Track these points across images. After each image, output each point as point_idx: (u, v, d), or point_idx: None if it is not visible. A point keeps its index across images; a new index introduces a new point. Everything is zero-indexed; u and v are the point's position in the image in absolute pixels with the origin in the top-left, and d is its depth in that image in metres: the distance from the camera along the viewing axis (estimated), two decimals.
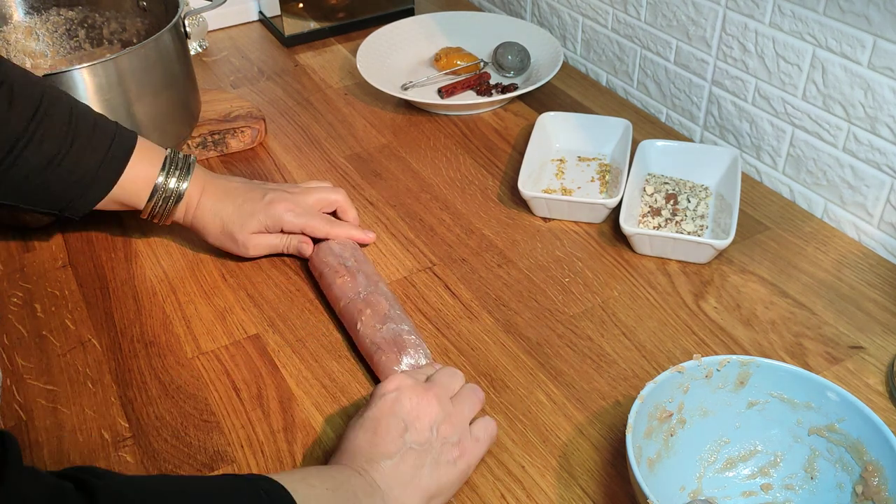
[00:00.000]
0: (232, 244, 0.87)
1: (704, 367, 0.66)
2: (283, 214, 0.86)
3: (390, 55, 1.23)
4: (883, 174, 0.87)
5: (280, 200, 0.86)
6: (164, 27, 0.95)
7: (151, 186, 0.83)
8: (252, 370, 0.78)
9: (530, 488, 0.67)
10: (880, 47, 0.83)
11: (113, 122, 0.83)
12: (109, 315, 0.84)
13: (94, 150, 0.80)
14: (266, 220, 0.86)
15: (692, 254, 0.87)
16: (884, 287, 0.85)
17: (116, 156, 0.81)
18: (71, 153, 0.79)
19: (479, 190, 1.00)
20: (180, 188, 0.84)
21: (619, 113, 1.13)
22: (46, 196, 0.81)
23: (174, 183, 0.84)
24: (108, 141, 0.81)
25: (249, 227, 0.86)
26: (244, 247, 0.87)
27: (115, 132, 0.82)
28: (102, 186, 0.82)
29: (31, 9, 1.09)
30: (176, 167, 0.84)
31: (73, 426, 0.73)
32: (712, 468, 0.67)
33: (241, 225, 0.86)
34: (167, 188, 0.83)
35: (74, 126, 0.79)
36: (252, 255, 0.88)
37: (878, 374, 0.76)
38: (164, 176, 0.83)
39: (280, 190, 0.88)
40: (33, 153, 0.77)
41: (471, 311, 0.83)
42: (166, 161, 0.84)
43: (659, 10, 1.07)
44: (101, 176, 0.81)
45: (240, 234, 0.86)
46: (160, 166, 0.83)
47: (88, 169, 0.80)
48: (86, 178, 0.80)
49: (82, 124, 0.80)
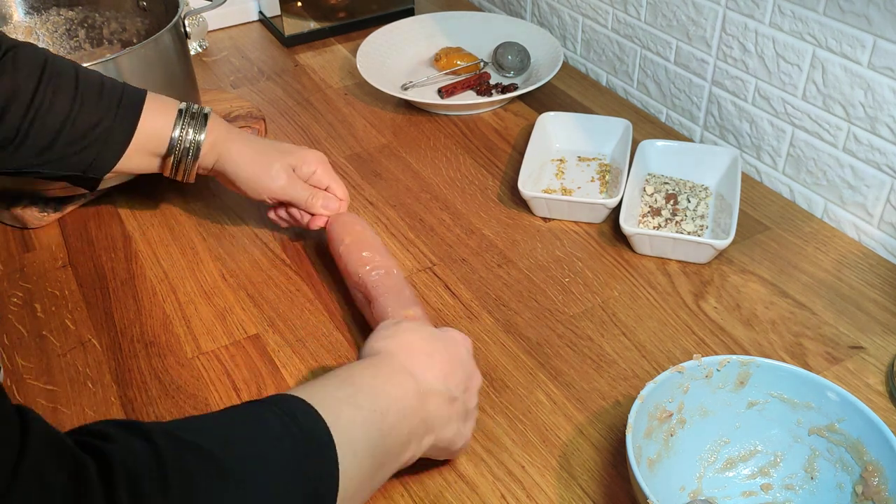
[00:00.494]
0: (264, 175, 0.84)
1: (704, 367, 0.66)
2: (317, 162, 0.86)
3: (390, 55, 1.23)
4: (883, 174, 0.87)
5: (314, 151, 0.88)
6: (164, 27, 0.95)
7: (168, 140, 0.83)
8: (252, 370, 0.78)
9: (530, 488, 0.67)
10: (880, 47, 0.83)
11: (120, 81, 0.84)
12: (109, 315, 0.84)
13: (106, 106, 0.80)
14: (301, 159, 0.86)
15: (692, 254, 0.87)
16: (884, 287, 0.85)
17: (128, 110, 0.81)
18: (83, 111, 0.79)
19: (479, 190, 1.00)
20: (198, 139, 0.83)
21: (619, 113, 1.13)
22: (67, 158, 0.81)
23: (191, 135, 0.83)
24: (117, 96, 0.81)
25: (284, 160, 0.85)
26: (279, 174, 0.84)
27: (123, 88, 0.83)
28: (119, 141, 0.81)
29: (31, 9, 1.09)
30: (192, 118, 0.83)
31: (73, 426, 0.72)
32: (712, 468, 0.67)
33: (278, 154, 0.85)
34: (184, 140, 0.83)
35: (82, 86, 0.80)
36: (281, 186, 0.85)
37: (878, 374, 0.76)
38: (180, 129, 0.83)
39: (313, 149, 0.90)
40: (47, 114, 0.78)
41: (471, 311, 0.83)
42: (180, 113, 0.83)
43: (659, 10, 1.07)
44: (115, 130, 0.81)
45: (276, 161, 0.85)
46: (174, 120, 0.83)
47: (102, 125, 0.80)
48: (102, 134, 0.80)
49: (89, 82, 0.81)
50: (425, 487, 0.67)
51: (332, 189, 0.87)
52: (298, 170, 0.86)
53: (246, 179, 0.85)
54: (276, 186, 0.85)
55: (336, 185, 0.87)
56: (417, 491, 0.67)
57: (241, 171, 0.85)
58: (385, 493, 0.67)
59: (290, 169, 0.86)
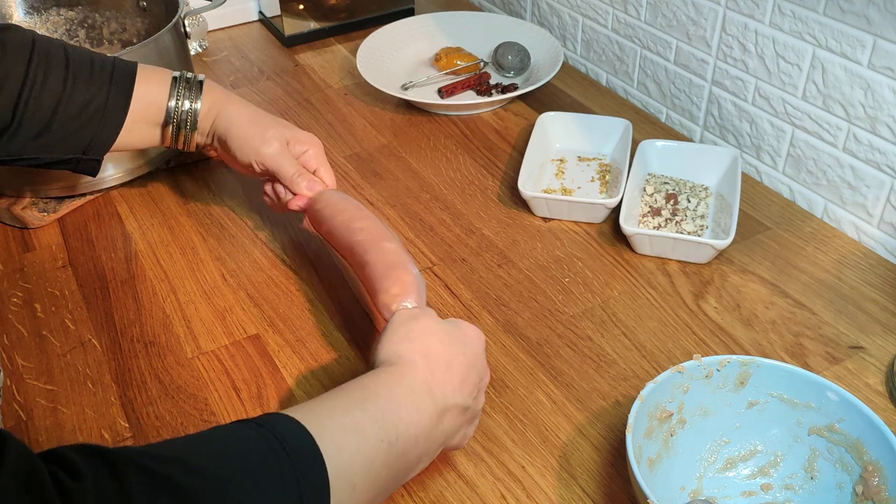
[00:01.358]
0: (258, 137, 0.83)
1: (704, 367, 0.66)
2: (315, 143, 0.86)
3: (390, 55, 1.23)
4: (883, 174, 0.87)
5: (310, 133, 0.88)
6: (164, 27, 0.95)
7: (164, 111, 0.82)
8: (252, 370, 0.78)
9: (530, 488, 0.67)
10: (880, 47, 0.83)
11: (110, 56, 0.83)
12: (109, 315, 0.84)
13: (98, 83, 0.80)
14: (295, 132, 0.85)
15: (692, 254, 0.87)
16: (884, 287, 0.85)
17: (121, 82, 0.81)
18: (76, 90, 0.79)
19: (479, 190, 1.00)
20: (195, 107, 0.83)
21: (619, 113, 1.13)
22: (64, 140, 0.80)
23: (187, 104, 0.83)
24: (108, 72, 0.81)
25: (279, 130, 0.84)
26: (271, 142, 0.83)
27: (114, 62, 0.82)
28: (116, 115, 0.81)
29: (31, 9, 1.09)
30: (186, 86, 0.83)
31: (73, 426, 0.73)
32: (712, 468, 0.67)
33: (272, 123, 0.85)
34: (181, 110, 0.83)
35: (72, 64, 0.79)
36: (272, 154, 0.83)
37: (878, 374, 0.76)
38: (175, 99, 0.82)
39: None
40: (40, 96, 0.77)
41: (471, 311, 0.83)
42: (174, 81, 0.83)
43: (659, 10, 1.07)
44: (111, 107, 0.80)
45: (271, 128, 0.84)
46: (168, 89, 0.83)
47: (97, 102, 0.80)
48: (98, 111, 0.80)
49: (79, 60, 0.80)
50: (425, 487, 0.67)
51: (321, 173, 0.86)
52: (292, 146, 0.86)
53: (239, 139, 0.84)
54: (267, 152, 0.83)
55: (325, 170, 0.86)
56: (417, 491, 0.67)
57: (235, 131, 0.84)
58: None
59: (284, 139, 0.85)
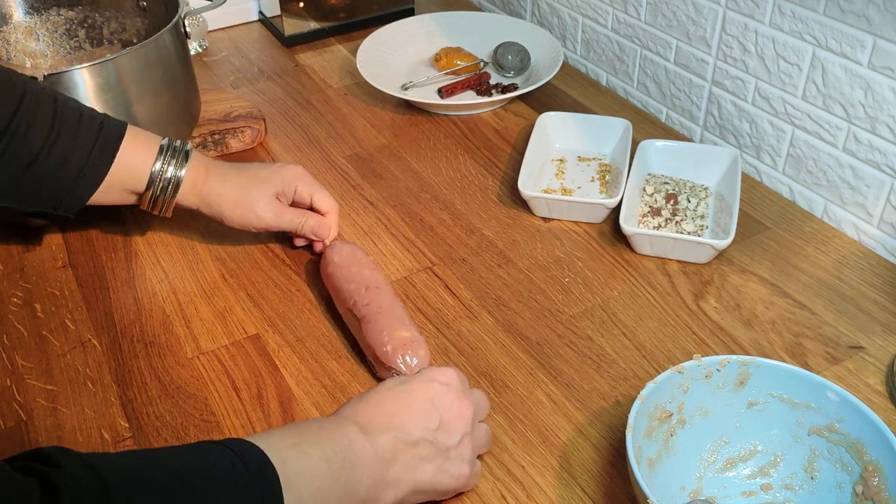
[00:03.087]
0: (250, 213, 0.84)
1: (704, 367, 0.66)
2: (300, 177, 0.86)
3: (390, 55, 1.23)
4: (883, 174, 0.87)
5: (292, 166, 0.87)
6: (164, 27, 0.95)
7: (148, 175, 0.81)
8: (252, 370, 0.78)
9: (530, 488, 0.67)
10: (880, 47, 0.83)
11: (101, 113, 0.82)
12: (109, 315, 0.84)
13: (83, 139, 0.78)
14: (280, 183, 0.85)
15: (692, 254, 0.87)
16: (884, 287, 0.85)
17: (107, 144, 0.79)
18: (58, 144, 0.77)
19: (479, 190, 1.00)
20: (178, 175, 0.82)
21: (619, 113, 1.13)
22: (38, 193, 0.79)
23: (172, 171, 0.82)
24: (95, 129, 0.79)
25: (266, 190, 0.84)
26: (264, 211, 0.84)
27: (104, 120, 0.80)
28: (94, 176, 0.79)
29: (31, 9, 1.09)
30: (173, 154, 0.82)
31: (73, 426, 0.73)
32: (712, 468, 0.67)
33: (256, 187, 0.84)
34: (165, 176, 0.82)
35: (60, 117, 0.78)
36: (269, 221, 0.85)
37: (878, 374, 0.76)
38: (161, 163, 0.82)
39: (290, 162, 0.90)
40: (19, 147, 0.76)
41: (471, 311, 0.83)
42: (162, 148, 0.82)
43: (659, 10, 1.07)
44: (91, 165, 0.79)
45: (258, 197, 0.84)
46: (156, 154, 0.82)
47: (78, 159, 0.78)
48: (76, 168, 0.78)
49: (68, 114, 0.79)
50: None
51: (316, 201, 0.87)
52: (282, 194, 0.86)
53: (232, 220, 0.85)
54: (264, 224, 0.86)
55: (319, 195, 0.87)
56: None
57: (226, 213, 0.85)
58: None
59: (273, 199, 0.85)
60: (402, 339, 0.74)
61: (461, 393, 0.64)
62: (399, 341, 0.73)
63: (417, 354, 0.73)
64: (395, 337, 0.74)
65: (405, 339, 0.74)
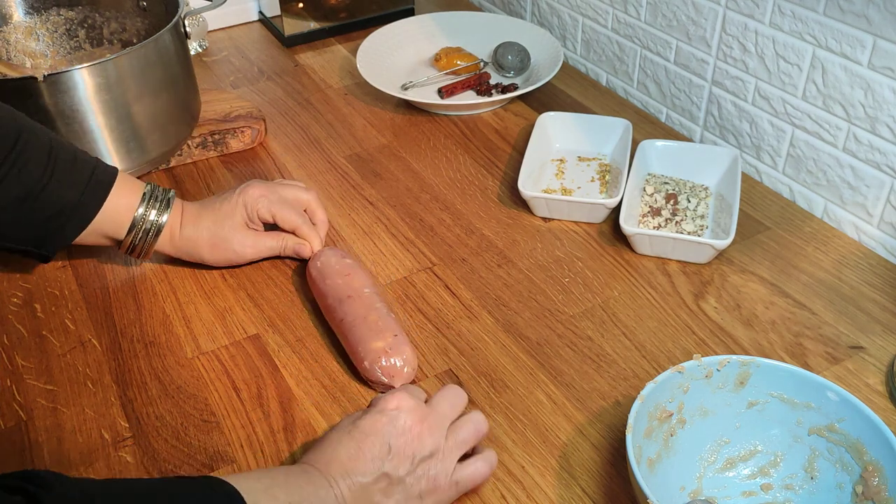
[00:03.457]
0: (228, 251, 0.86)
1: (704, 367, 0.66)
2: (258, 200, 0.85)
3: (390, 55, 1.23)
4: (883, 174, 0.87)
5: (253, 186, 0.86)
6: (164, 27, 0.95)
7: (130, 220, 0.82)
8: (252, 370, 0.78)
9: (530, 488, 0.67)
10: (880, 47, 0.83)
11: (93, 157, 0.82)
12: (109, 315, 0.84)
13: (75, 181, 0.79)
14: (243, 211, 0.85)
15: (692, 254, 0.87)
16: (884, 287, 0.85)
17: (98, 187, 0.80)
18: (51, 184, 0.78)
19: (479, 190, 1.00)
20: (160, 221, 0.83)
21: (619, 113, 1.13)
22: (26, 229, 0.79)
23: (154, 216, 0.82)
24: (88, 172, 0.80)
25: (233, 225, 0.85)
26: (241, 246, 0.86)
27: (96, 165, 0.81)
28: (83, 217, 0.80)
29: (31, 9, 1.09)
30: (156, 200, 0.83)
31: (73, 426, 0.73)
32: (712, 468, 0.67)
33: (226, 226, 0.85)
34: (146, 220, 0.82)
35: (54, 158, 0.78)
36: (250, 255, 0.87)
37: (878, 374, 0.76)
38: (144, 208, 0.82)
39: (255, 182, 0.88)
40: (12, 185, 0.76)
41: (471, 311, 0.83)
42: (146, 195, 0.83)
43: (659, 10, 1.07)
44: (82, 206, 0.79)
45: (231, 235, 0.85)
46: (139, 199, 0.82)
47: (69, 200, 0.79)
48: (66, 209, 0.79)
49: (62, 156, 0.79)
50: None
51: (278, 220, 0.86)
52: (251, 221, 0.86)
53: (215, 262, 0.87)
54: (246, 259, 0.87)
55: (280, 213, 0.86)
56: None
57: (206, 257, 0.86)
58: None
59: (246, 232, 0.86)
60: (377, 349, 0.73)
61: (415, 412, 0.64)
62: (374, 353, 0.73)
63: (399, 356, 0.73)
64: (371, 350, 0.73)
65: (379, 349, 0.73)
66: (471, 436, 0.66)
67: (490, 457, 0.66)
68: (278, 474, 0.60)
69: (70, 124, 0.90)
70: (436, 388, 0.75)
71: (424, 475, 0.63)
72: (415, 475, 0.62)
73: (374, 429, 0.62)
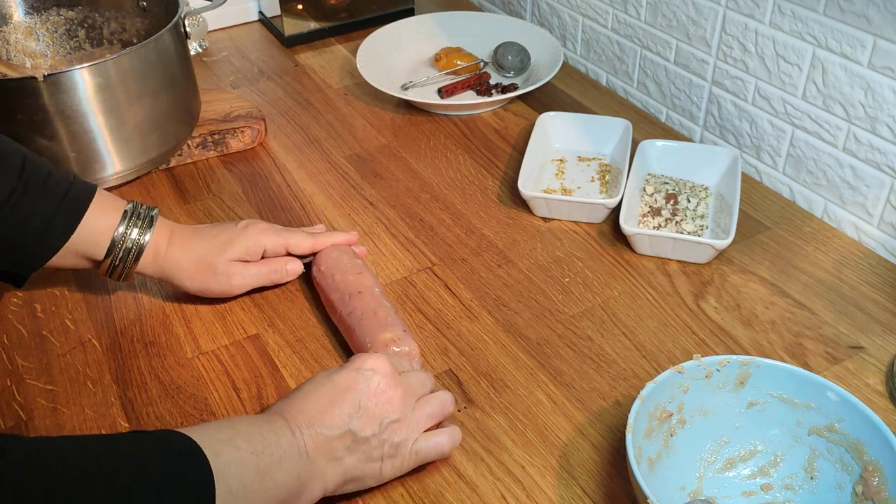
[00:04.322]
0: (212, 279, 0.81)
1: (704, 367, 0.66)
2: (262, 234, 0.82)
3: (390, 55, 1.23)
4: (883, 174, 0.87)
5: (256, 223, 0.83)
6: (164, 27, 0.95)
7: (109, 240, 0.77)
8: (252, 370, 0.78)
9: (530, 488, 0.67)
10: (880, 47, 0.83)
11: (70, 173, 0.78)
12: (109, 315, 0.84)
13: (49, 197, 0.74)
14: (245, 243, 0.81)
15: (692, 254, 0.87)
16: (884, 287, 0.85)
17: (73, 204, 0.76)
18: (24, 200, 0.73)
19: (479, 190, 1.00)
20: (142, 241, 0.78)
21: (619, 113, 1.13)
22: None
23: (136, 234, 0.78)
24: (64, 189, 0.75)
25: (228, 254, 0.81)
26: (226, 276, 0.81)
27: (72, 181, 0.77)
28: (58, 236, 0.75)
29: (31, 9, 1.09)
30: (138, 218, 0.78)
31: (73, 426, 0.73)
32: (712, 468, 0.67)
33: (218, 253, 0.80)
34: (127, 240, 0.77)
35: (27, 174, 0.74)
36: (237, 287, 0.82)
37: (878, 374, 0.76)
38: (125, 227, 0.77)
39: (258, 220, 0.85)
40: None
41: (471, 311, 0.83)
42: (127, 213, 0.78)
43: (659, 10, 1.07)
44: (56, 224, 0.75)
45: (220, 263, 0.80)
46: (119, 218, 0.77)
47: (43, 217, 0.74)
48: (40, 227, 0.74)
49: (35, 172, 0.75)
50: (425, 487, 0.67)
51: (293, 248, 0.83)
52: (250, 255, 0.82)
53: (198, 291, 0.82)
54: (233, 292, 0.83)
55: (293, 240, 0.83)
56: (417, 491, 0.67)
57: (187, 285, 0.81)
58: (385, 494, 0.67)
59: (233, 265, 0.81)
60: (385, 340, 0.74)
61: (390, 377, 0.65)
62: (382, 344, 0.73)
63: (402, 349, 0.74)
64: (379, 340, 0.74)
65: (387, 340, 0.74)
66: (437, 410, 0.68)
67: (454, 433, 0.68)
68: (241, 424, 0.60)
69: (70, 124, 0.90)
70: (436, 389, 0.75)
71: (388, 440, 0.64)
72: (379, 438, 0.63)
73: (348, 385, 0.64)
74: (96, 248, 0.77)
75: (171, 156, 1.03)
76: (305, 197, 0.99)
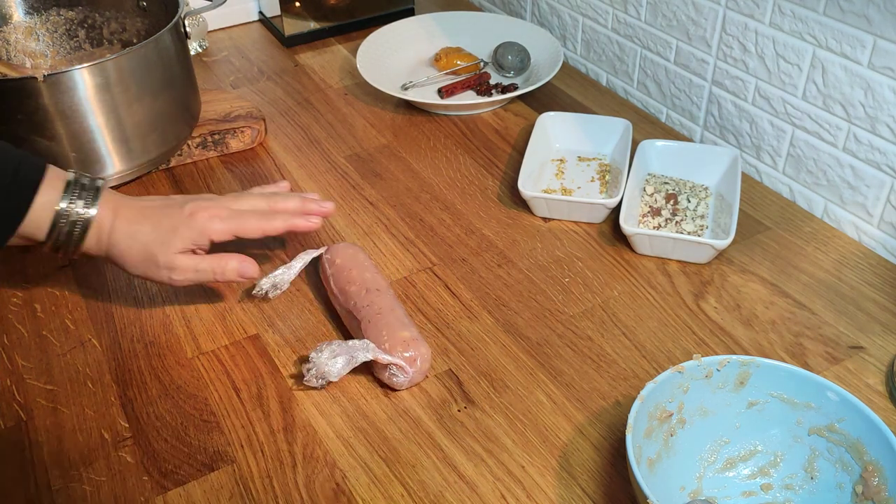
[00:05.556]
0: (155, 270, 0.75)
1: (704, 367, 0.66)
2: (208, 222, 0.76)
3: (390, 55, 1.23)
4: (883, 174, 0.87)
5: (203, 208, 0.76)
6: (164, 27, 0.95)
7: (53, 215, 0.71)
8: (252, 370, 0.78)
9: (530, 488, 0.67)
10: (880, 47, 0.83)
11: (19, 151, 0.72)
12: (109, 315, 0.84)
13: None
14: (190, 235, 0.75)
15: (692, 254, 0.87)
16: (884, 287, 0.85)
17: (23, 183, 0.70)
18: None
19: (479, 190, 1.00)
20: (87, 214, 0.72)
21: (619, 113, 1.13)
22: None
23: (80, 208, 0.72)
24: (11, 168, 0.70)
25: (173, 246, 0.75)
26: (168, 269, 0.75)
27: (21, 159, 0.71)
28: (9, 218, 0.71)
29: (31, 9, 1.09)
30: (81, 189, 0.73)
31: (73, 426, 0.73)
32: (712, 468, 0.67)
33: (161, 244, 0.74)
34: (72, 213, 0.72)
35: None
36: (178, 280, 0.76)
37: (878, 374, 0.76)
38: (68, 201, 0.72)
39: (204, 198, 0.78)
40: None
41: (471, 311, 0.83)
42: (69, 184, 0.72)
43: (659, 10, 1.07)
44: (5, 207, 0.70)
45: (162, 255, 0.74)
46: (61, 191, 0.72)
47: None
48: None
49: None
50: (425, 487, 0.67)
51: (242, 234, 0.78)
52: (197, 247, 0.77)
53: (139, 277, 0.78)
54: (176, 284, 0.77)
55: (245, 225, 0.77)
56: (417, 491, 0.67)
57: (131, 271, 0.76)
58: (385, 493, 0.67)
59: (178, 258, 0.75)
60: (402, 338, 0.74)
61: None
62: (399, 341, 0.73)
63: (418, 351, 0.74)
64: (395, 337, 0.74)
65: (405, 338, 0.74)
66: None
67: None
68: None
69: (70, 124, 0.90)
70: (436, 389, 0.75)
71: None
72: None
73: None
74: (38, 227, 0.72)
75: (171, 156, 1.03)
76: None
